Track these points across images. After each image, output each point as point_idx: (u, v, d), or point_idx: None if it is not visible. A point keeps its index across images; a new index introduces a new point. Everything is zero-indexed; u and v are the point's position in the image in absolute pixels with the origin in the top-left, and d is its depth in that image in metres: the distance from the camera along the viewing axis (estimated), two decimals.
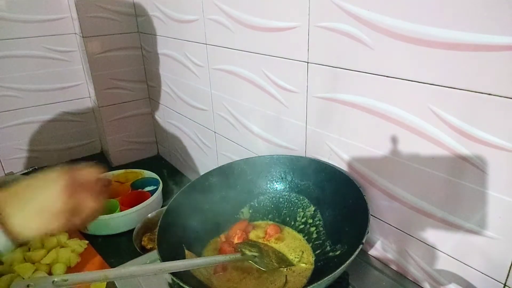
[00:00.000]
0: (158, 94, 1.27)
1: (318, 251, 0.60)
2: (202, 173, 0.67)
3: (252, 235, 0.64)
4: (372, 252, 0.64)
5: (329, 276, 0.44)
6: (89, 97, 1.37)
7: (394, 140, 0.53)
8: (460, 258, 0.51)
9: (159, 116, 1.34)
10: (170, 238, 0.57)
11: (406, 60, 0.48)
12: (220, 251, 0.61)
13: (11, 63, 1.19)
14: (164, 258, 0.50)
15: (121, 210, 0.97)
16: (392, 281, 0.58)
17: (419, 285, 0.58)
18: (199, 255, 0.60)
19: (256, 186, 0.70)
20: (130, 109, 1.33)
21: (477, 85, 0.42)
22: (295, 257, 0.59)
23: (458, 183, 0.47)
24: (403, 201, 0.55)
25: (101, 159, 1.41)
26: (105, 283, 0.66)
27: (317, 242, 0.61)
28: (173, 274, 0.48)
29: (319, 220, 0.63)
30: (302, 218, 0.66)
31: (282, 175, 0.69)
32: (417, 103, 0.49)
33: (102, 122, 1.30)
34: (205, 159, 1.11)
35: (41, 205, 0.45)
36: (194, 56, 0.96)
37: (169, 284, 0.58)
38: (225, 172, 0.68)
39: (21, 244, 0.99)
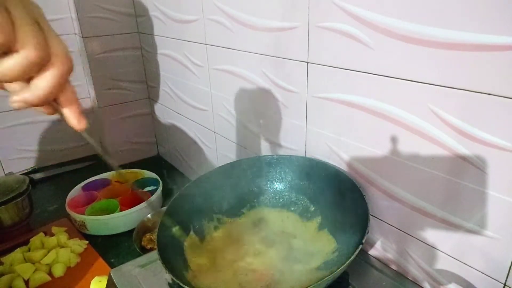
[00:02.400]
0: (158, 94, 1.27)
1: None
2: (202, 173, 0.67)
3: None
4: (372, 252, 0.64)
5: (329, 276, 0.44)
6: (89, 97, 1.37)
7: (394, 140, 0.53)
8: (460, 258, 0.51)
9: (159, 116, 1.34)
10: (170, 239, 0.57)
11: (406, 60, 0.48)
12: None
13: None
14: (164, 258, 0.50)
15: (121, 210, 0.97)
16: (392, 281, 0.58)
17: (419, 285, 0.58)
18: None
19: (256, 186, 0.70)
20: (130, 109, 1.33)
21: (477, 85, 0.42)
22: None
23: (458, 183, 0.47)
24: (403, 201, 0.55)
25: (101, 159, 1.41)
26: (105, 282, 0.66)
27: None
28: (173, 274, 0.48)
29: (319, 220, 0.63)
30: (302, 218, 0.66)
31: (282, 175, 0.69)
32: (417, 103, 0.49)
33: (102, 122, 1.30)
34: (205, 159, 1.11)
35: None
36: (194, 56, 0.96)
37: (169, 284, 0.58)
38: (225, 172, 0.68)
39: None
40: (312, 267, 0.57)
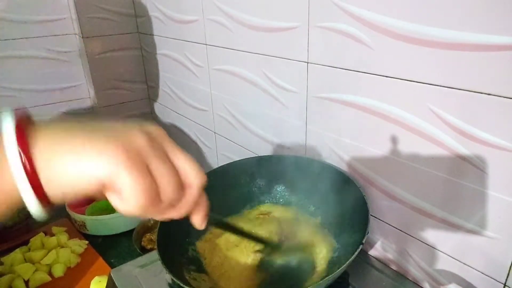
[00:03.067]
0: (158, 94, 1.27)
1: None
2: None
3: None
4: (372, 252, 0.64)
5: (329, 276, 0.44)
6: (89, 97, 1.37)
7: (394, 140, 0.53)
8: (460, 258, 0.51)
9: (159, 116, 1.34)
10: (171, 238, 0.57)
11: (406, 60, 0.48)
12: None
13: (11, 63, 1.19)
14: (164, 258, 0.50)
15: None
16: (392, 281, 0.58)
17: (419, 285, 0.58)
18: None
19: (256, 186, 0.70)
20: (130, 109, 1.33)
21: (477, 85, 0.42)
22: None
23: (458, 183, 0.47)
24: (403, 201, 0.55)
25: None
26: (105, 282, 0.66)
27: None
28: (173, 274, 0.48)
29: (319, 220, 0.63)
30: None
31: (282, 175, 0.69)
32: (417, 103, 0.49)
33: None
34: (205, 159, 1.11)
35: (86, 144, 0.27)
36: (194, 57, 0.96)
37: (169, 284, 0.58)
38: (225, 172, 0.68)
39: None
40: (312, 268, 0.57)
